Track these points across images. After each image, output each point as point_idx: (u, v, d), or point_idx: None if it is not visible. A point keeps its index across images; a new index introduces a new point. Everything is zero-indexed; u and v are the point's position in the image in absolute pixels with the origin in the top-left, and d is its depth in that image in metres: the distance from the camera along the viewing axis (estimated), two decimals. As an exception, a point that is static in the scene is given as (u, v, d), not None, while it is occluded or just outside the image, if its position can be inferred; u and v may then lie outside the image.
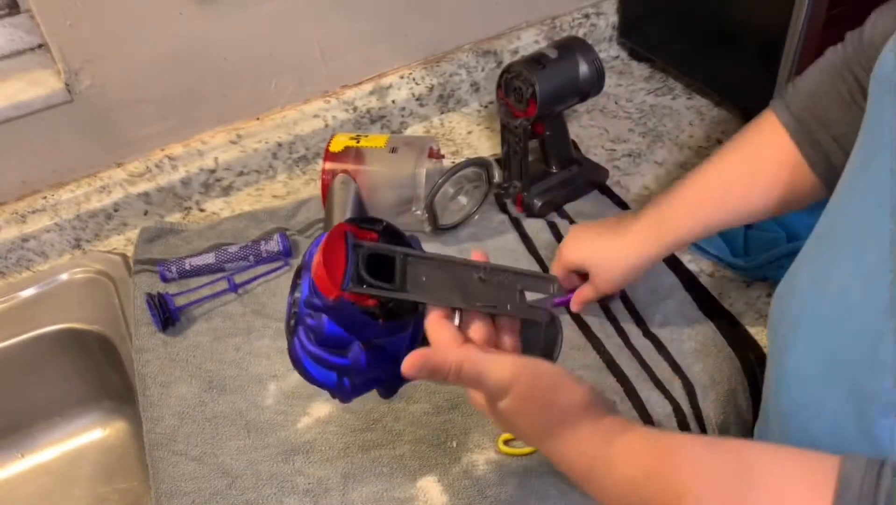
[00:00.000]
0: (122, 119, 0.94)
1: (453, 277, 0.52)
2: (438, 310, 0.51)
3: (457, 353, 0.48)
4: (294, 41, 0.99)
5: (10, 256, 0.94)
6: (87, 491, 0.94)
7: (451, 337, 0.50)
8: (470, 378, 0.47)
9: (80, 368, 0.95)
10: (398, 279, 0.50)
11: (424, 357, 0.48)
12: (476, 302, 0.52)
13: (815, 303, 0.50)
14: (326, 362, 0.53)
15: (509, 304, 0.53)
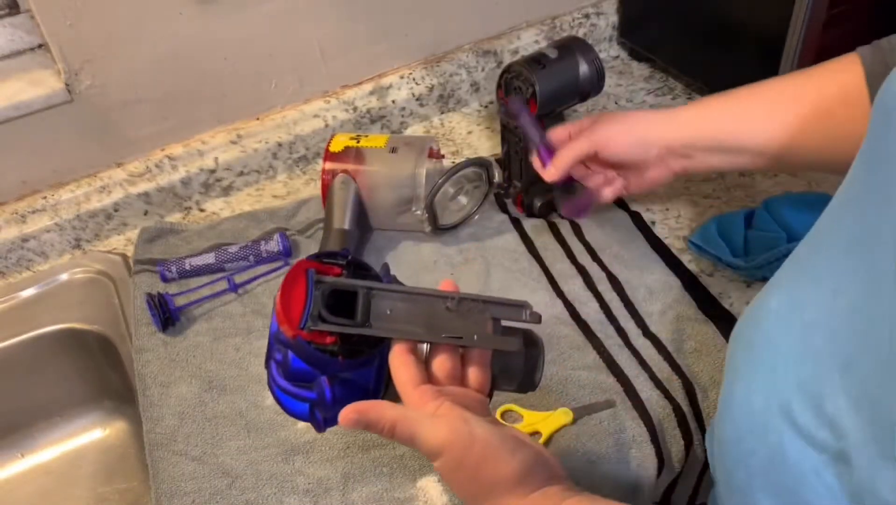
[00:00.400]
0: (122, 119, 0.94)
1: (419, 308, 0.51)
2: (402, 344, 0.51)
3: (392, 412, 0.47)
4: (294, 41, 0.99)
5: (10, 256, 0.94)
6: (88, 491, 0.94)
7: (410, 376, 0.49)
8: (403, 438, 0.47)
9: (80, 368, 0.95)
10: (360, 314, 0.50)
11: (359, 413, 0.47)
12: (441, 334, 0.51)
13: (776, 335, 0.49)
14: (296, 396, 0.54)
15: (476, 334, 0.52)
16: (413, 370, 0.50)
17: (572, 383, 0.74)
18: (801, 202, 0.88)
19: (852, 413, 0.41)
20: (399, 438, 0.47)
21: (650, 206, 0.94)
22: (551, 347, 0.78)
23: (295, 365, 0.52)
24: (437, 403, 0.48)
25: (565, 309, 0.82)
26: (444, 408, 0.48)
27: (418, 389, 0.49)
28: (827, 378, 0.43)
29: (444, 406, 0.48)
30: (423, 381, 0.50)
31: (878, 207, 0.42)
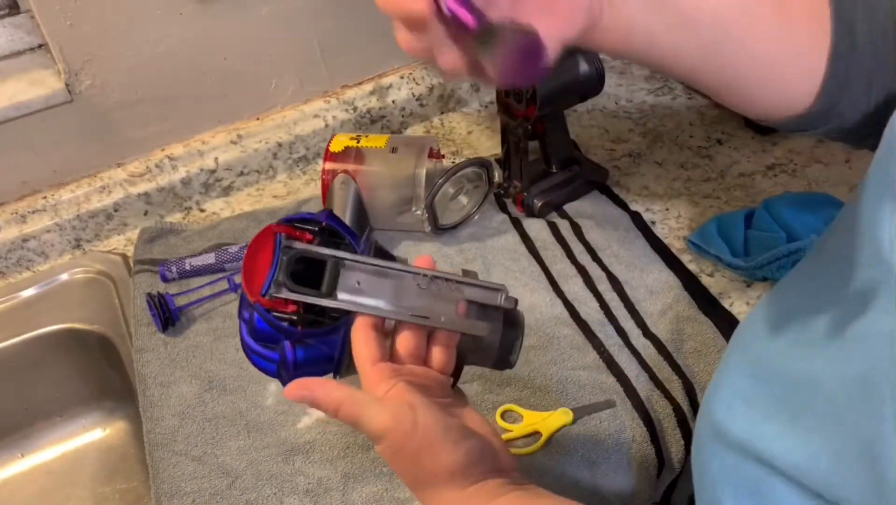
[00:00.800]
0: (122, 119, 0.94)
1: (389, 283, 0.50)
2: (365, 318, 0.50)
3: (339, 393, 0.46)
4: (294, 41, 0.99)
5: (10, 256, 0.94)
6: (88, 491, 0.94)
7: (369, 353, 0.49)
8: (347, 420, 0.47)
9: (81, 368, 0.95)
10: (326, 284, 0.50)
11: (306, 388, 0.47)
12: (408, 312, 0.50)
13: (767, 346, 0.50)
14: (262, 355, 0.54)
15: (444, 315, 0.50)
16: (373, 346, 0.49)
17: (572, 383, 0.75)
18: (801, 202, 0.88)
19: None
20: (343, 419, 0.47)
21: (650, 206, 0.94)
22: (551, 347, 0.78)
23: (260, 325, 0.51)
24: (392, 382, 0.48)
25: (565, 309, 0.82)
26: (396, 390, 0.47)
27: (375, 366, 0.49)
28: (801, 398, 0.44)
29: (398, 387, 0.47)
30: (383, 358, 0.49)
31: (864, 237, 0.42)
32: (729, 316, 0.80)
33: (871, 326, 0.40)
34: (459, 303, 0.51)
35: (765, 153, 1.01)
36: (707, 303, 0.81)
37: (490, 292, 0.51)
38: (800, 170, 0.98)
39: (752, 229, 0.87)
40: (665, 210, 0.94)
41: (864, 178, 0.43)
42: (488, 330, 0.51)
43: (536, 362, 0.77)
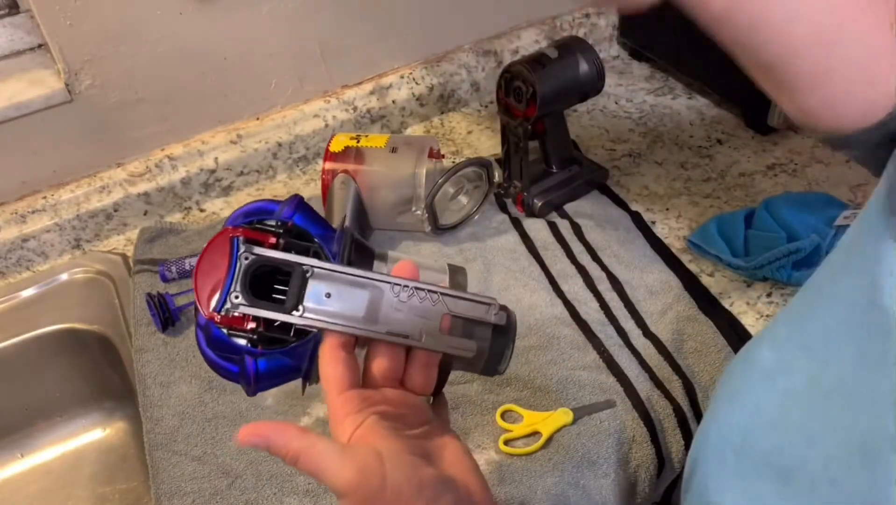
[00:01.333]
0: (122, 119, 0.94)
1: (364, 294, 0.44)
2: (335, 337, 0.44)
3: (298, 442, 0.41)
4: (294, 41, 0.99)
5: (10, 257, 0.94)
6: (88, 491, 0.94)
7: (337, 378, 0.43)
8: (307, 472, 0.41)
9: (80, 368, 0.95)
10: (292, 296, 0.43)
11: (260, 437, 0.41)
12: (384, 329, 0.44)
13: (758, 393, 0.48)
14: (221, 367, 0.48)
15: (426, 333, 0.44)
16: (341, 371, 0.44)
17: (572, 383, 0.75)
18: (801, 202, 0.88)
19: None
20: (302, 470, 0.41)
21: (650, 206, 0.94)
22: (551, 347, 0.78)
23: (217, 334, 0.45)
24: (360, 417, 0.42)
25: (565, 309, 0.82)
26: (365, 429, 0.42)
27: (343, 395, 0.43)
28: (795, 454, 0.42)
29: (367, 426, 0.42)
30: (352, 384, 0.44)
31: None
32: (729, 316, 0.80)
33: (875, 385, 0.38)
34: (443, 317, 0.45)
35: (765, 153, 1.01)
36: (707, 303, 0.81)
37: (478, 306, 0.46)
38: (800, 170, 0.98)
39: (753, 229, 0.87)
40: (665, 210, 0.94)
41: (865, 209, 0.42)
42: (475, 350, 0.46)
43: (536, 362, 0.77)
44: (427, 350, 0.45)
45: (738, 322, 0.79)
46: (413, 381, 0.46)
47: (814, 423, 0.41)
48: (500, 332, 0.47)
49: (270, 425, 0.41)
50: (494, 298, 0.46)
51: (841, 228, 0.83)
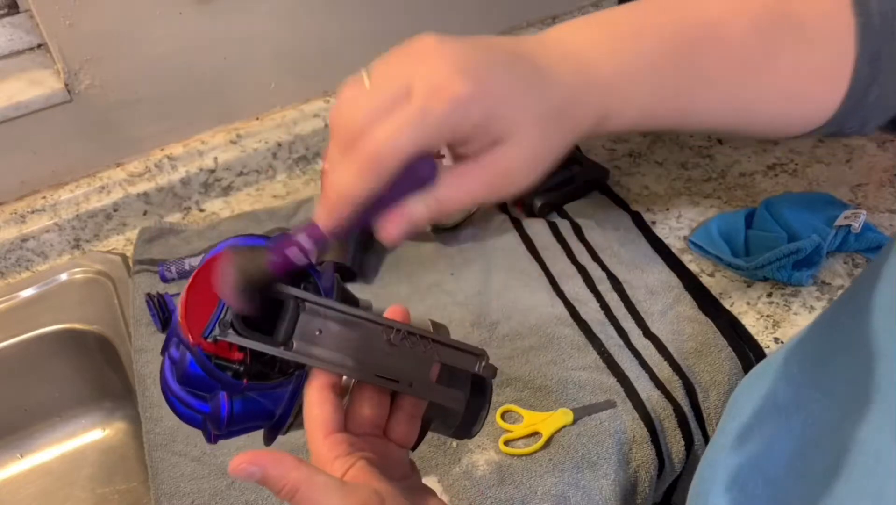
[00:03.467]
0: (121, 119, 0.94)
1: (356, 335, 0.42)
2: (322, 377, 0.42)
3: (297, 474, 0.38)
4: (294, 41, 0.99)
5: (9, 257, 0.94)
6: (88, 492, 0.94)
7: (323, 420, 0.41)
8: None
9: (80, 368, 0.95)
10: (284, 329, 0.41)
11: (257, 466, 0.39)
12: (373, 372, 0.42)
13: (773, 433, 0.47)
14: (186, 403, 0.44)
15: (415, 380, 0.42)
16: (328, 412, 0.41)
17: (572, 384, 0.74)
18: (802, 202, 0.88)
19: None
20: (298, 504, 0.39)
21: (651, 206, 0.94)
22: (551, 347, 0.78)
23: (192, 370, 0.42)
24: (349, 461, 0.40)
25: (565, 309, 0.82)
26: (356, 471, 0.39)
27: (329, 438, 0.41)
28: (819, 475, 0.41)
29: (356, 468, 0.40)
30: (338, 428, 0.41)
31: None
32: (729, 316, 0.80)
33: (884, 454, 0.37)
34: (433, 366, 0.43)
35: (765, 153, 1.00)
36: (708, 303, 0.81)
37: (468, 357, 0.44)
38: (800, 170, 0.98)
39: (753, 229, 0.87)
40: (665, 210, 0.94)
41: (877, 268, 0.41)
42: (464, 401, 0.44)
43: (536, 362, 0.76)
44: (416, 398, 0.44)
45: (739, 322, 0.79)
46: (396, 431, 0.44)
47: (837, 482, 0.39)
48: (479, 389, 0.47)
49: (267, 455, 0.39)
50: (483, 350, 0.45)
51: (841, 228, 0.83)
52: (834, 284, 0.83)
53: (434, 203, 0.37)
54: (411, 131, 0.34)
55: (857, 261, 0.85)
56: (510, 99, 0.36)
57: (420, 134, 0.35)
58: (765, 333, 0.79)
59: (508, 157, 0.37)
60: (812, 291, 0.83)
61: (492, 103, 0.35)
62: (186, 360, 0.42)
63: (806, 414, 0.44)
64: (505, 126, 0.36)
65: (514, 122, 0.36)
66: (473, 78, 0.35)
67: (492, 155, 0.37)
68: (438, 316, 0.44)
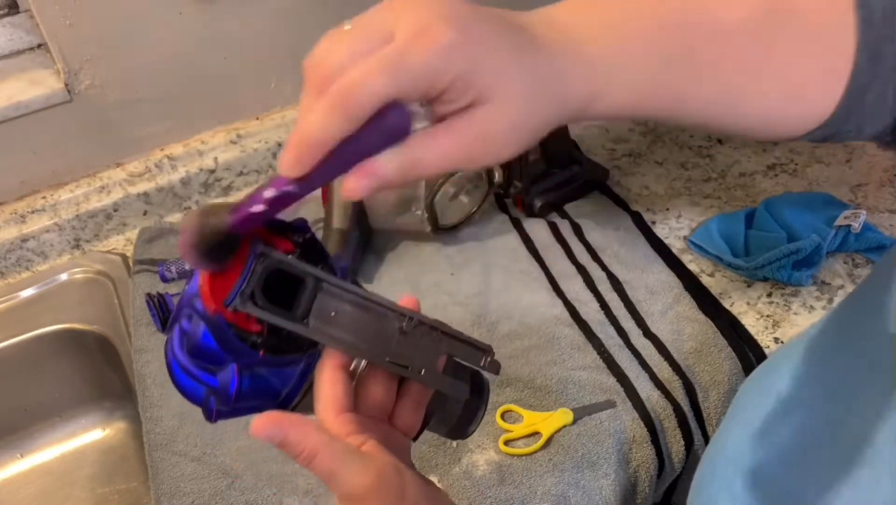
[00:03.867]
0: (121, 119, 0.94)
1: (370, 319, 0.43)
2: (336, 356, 0.42)
3: (316, 438, 0.38)
4: (294, 41, 0.99)
5: (9, 257, 0.94)
6: (88, 492, 0.94)
7: (335, 398, 0.41)
8: (320, 471, 0.38)
9: (80, 368, 0.95)
10: (301, 307, 0.42)
11: (279, 427, 0.38)
12: (386, 357, 0.43)
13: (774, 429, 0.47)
14: (193, 375, 0.44)
15: (424, 368, 0.43)
16: (340, 391, 0.42)
17: (572, 384, 0.74)
18: (802, 202, 0.88)
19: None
20: (316, 470, 0.38)
21: (651, 206, 0.94)
22: (551, 347, 0.78)
23: (204, 341, 0.42)
24: (360, 438, 0.40)
25: (565, 309, 0.82)
26: (369, 447, 0.40)
27: (341, 416, 0.41)
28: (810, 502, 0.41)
29: (369, 445, 0.40)
30: (348, 407, 0.42)
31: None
32: (729, 316, 0.80)
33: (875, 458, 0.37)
34: (441, 357, 0.44)
35: (765, 153, 1.00)
36: (708, 303, 0.81)
37: (475, 351, 0.45)
38: (800, 170, 0.98)
39: (753, 229, 0.87)
40: (665, 210, 0.94)
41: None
42: (466, 392, 0.45)
43: (536, 362, 0.76)
44: (424, 385, 0.44)
45: (739, 322, 0.79)
46: (402, 418, 0.44)
47: (834, 473, 0.39)
48: (477, 389, 0.47)
49: (288, 418, 0.39)
50: (489, 346, 0.45)
51: (841, 228, 0.83)
52: (834, 283, 0.83)
53: (408, 162, 0.35)
54: (388, 73, 0.32)
55: (857, 261, 0.85)
56: (496, 56, 0.34)
57: (397, 77, 0.32)
58: (765, 333, 0.79)
59: (488, 120, 0.34)
60: (812, 290, 0.83)
61: (476, 56, 0.33)
62: (199, 331, 0.42)
63: (807, 409, 0.45)
64: (487, 84, 0.34)
65: (498, 82, 0.34)
66: (460, 27, 0.33)
67: (471, 115, 0.34)
68: (439, 316, 0.44)
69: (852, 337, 0.44)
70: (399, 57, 0.32)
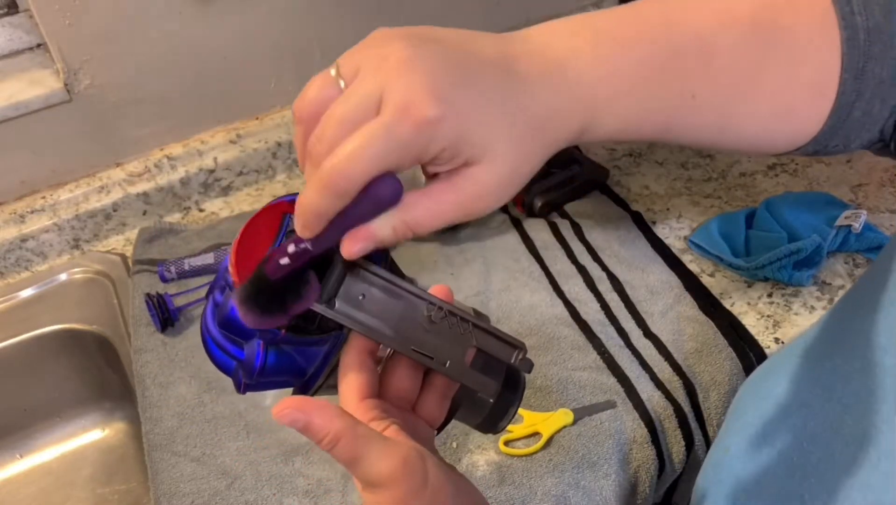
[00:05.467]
0: (121, 119, 0.94)
1: (398, 306, 0.42)
2: (362, 341, 0.42)
3: (340, 423, 0.38)
4: (294, 41, 0.99)
5: (9, 257, 0.94)
6: (87, 492, 0.94)
7: (359, 384, 0.41)
8: (344, 456, 0.38)
9: (80, 369, 0.95)
10: (329, 288, 0.41)
11: (302, 411, 0.38)
12: (411, 345, 0.42)
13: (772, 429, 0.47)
14: (224, 348, 0.45)
15: (450, 360, 0.42)
16: (365, 378, 0.42)
17: (573, 384, 0.74)
18: (802, 202, 0.88)
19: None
20: (339, 455, 0.38)
21: (651, 206, 0.94)
22: (552, 348, 0.78)
23: (233, 314, 0.42)
24: (383, 424, 0.40)
25: (566, 309, 0.82)
26: (391, 432, 0.39)
27: (364, 402, 0.41)
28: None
29: (391, 430, 0.39)
30: (373, 393, 0.42)
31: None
32: (730, 316, 0.80)
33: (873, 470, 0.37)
34: (469, 350, 0.43)
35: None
36: (708, 303, 0.81)
37: (506, 347, 0.43)
38: (801, 169, 0.98)
39: (753, 229, 0.87)
40: (666, 210, 0.94)
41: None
42: (495, 390, 0.44)
43: (536, 362, 0.76)
44: (449, 378, 0.43)
45: (739, 322, 0.79)
46: (426, 408, 0.44)
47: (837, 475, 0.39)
48: (512, 384, 0.46)
49: (312, 402, 0.38)
50: (524, 343, 0.44)
51: (842, 228, 0.83)
52: (834, 284, 0.83)
53: (401, 225, 0.37)
54: (374, 151, 0.33)
55: (857, 261, 0.85)
56: (483, 119, 0.35)
57: (385, 156, 0.34)
58: (765, 333, 0.79)
59: (481, 179, 0.36)
60: (812, 291, 0.83)
61: (462, 127, 0.34)
62: (229, 304, 0.42)
63: (805, 411, 0.45)
64: (477, 147, 0.35)
65: (488, 143, 0.35)
66: (444, 99, 0.34)
67: (463, 176, 0.36)
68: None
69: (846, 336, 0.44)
70: (386, 134, 0.33)
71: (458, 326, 0.43)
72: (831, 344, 0.46)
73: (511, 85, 0.36)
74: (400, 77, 0.34)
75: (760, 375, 0.54)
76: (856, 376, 0.41)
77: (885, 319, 0.39)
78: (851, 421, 0.40)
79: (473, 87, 0.35)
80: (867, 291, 0.43)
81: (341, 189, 0.34)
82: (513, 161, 0.36)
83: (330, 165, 0.34)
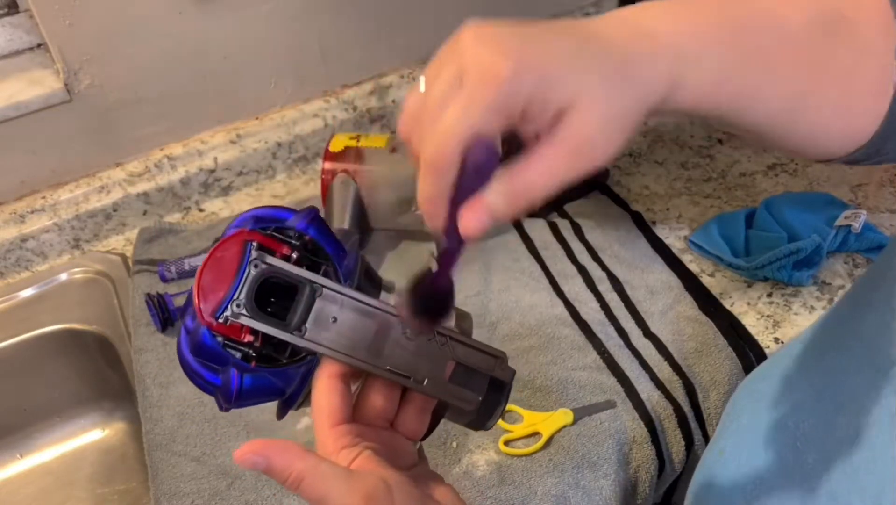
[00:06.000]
0: (121, 119, 0.94)
1: (372, 325, 0.42)
2: (333, 366, 0.41)
3: (302, 463, 0.37)
4: (294, 41, 0.99)
5: (9, 257, 0.94)
6: (87, 492, 0.94)
7: (330, 410, 0.41)
8: (310, 496, 0.38)
9: (80, 369, 0.95)
10: (297, 315, 0.41)
11: (262, 456, 0.37)
12: (386, 365, 0.41)
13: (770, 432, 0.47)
14: (200, 375, 0.43)
15: (428, 377, 0.42)
16: (336, 402, 0.41)
17: (573, 384, 0.74)
18: (802, 202, 0.88)
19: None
20: (304, 495, 0.38)
21: (651, 205, 0.94)
22: (552, 347, 0.78)
23: (205, 341, 0.41)
24: (354, 451, 0.40)
25: (566, 309, 0.82)
26: (362, 460, 0.39)
27: (336, 428, 0.40)
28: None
29: (362, 458, 0.39)
30: (345, 418, 0.41)
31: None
32: (730, 316, 0.80)
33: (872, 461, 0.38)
34: (448, 363, 0.42)
35: (765, 153, 1.00)
36: (708, 303, 0.81)
37: (486, 358, 0.43)
38: (801, 169, 0.98)
39: (753, 229, 0.87)
40: (666, 210, 0.94)
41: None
42: (476, 402, 0.43)
43: (536, 362, 0.76)
44: (428, 396, 0.43)
45: (739, 322, 0.79)
46: (405, 424, 0.44)
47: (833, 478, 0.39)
48: (496, 386, 0.45)
49: (272, 444, 0.38)
50: (504, 353, 0.44)
51: (841, 228, 0.83)
52: (834, 284, 0.83)
53: (512, 192, 0.37)
54: (459, 119, 0.34)
55: (857, 261, 0.85)
56: (560, 63, 0.35)
57: (469, 121, 0.34)
58: (765, 333, 0.79)
59: (581, 124, 0.34)
60: (812, 291, 0.83)
61: (540, 72, 0.34)
62: (200, 331, 0.41)
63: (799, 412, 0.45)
64: (564, 91, 0.34)
65: (574, 85, 0.34)
66: (514, 54, 0.34)
67: (563, 126, 0.34)
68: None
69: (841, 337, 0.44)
70: (468, 100, 0.34)
71: (435, 340, 0.42)
72: (826, 344, 0.46)
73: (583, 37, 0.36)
74: (471, 53, 0.35)
75: (756, 377, 0.54)
76: (849, 376, 0.41)
77: (879, 319, 0.39)
78: (845, 421, 0.40)
79: (544, 41, 0.36)
80: (863, 292, 0.43)
81: (439, 165, 0.35)
82: (606, 100, 0.35)
83: (428, 151, 0.36)
